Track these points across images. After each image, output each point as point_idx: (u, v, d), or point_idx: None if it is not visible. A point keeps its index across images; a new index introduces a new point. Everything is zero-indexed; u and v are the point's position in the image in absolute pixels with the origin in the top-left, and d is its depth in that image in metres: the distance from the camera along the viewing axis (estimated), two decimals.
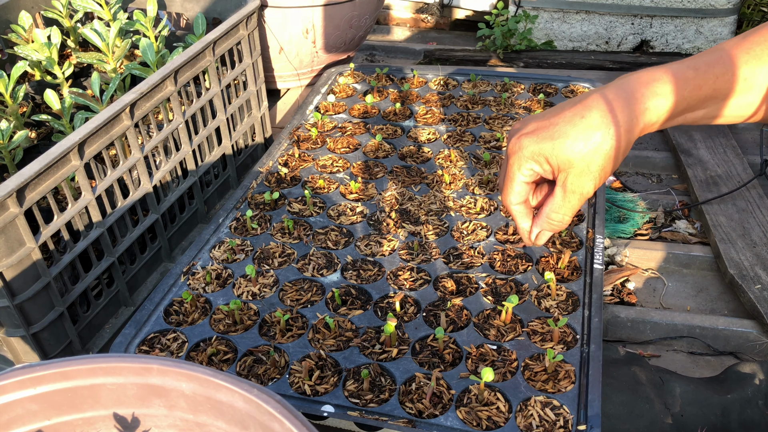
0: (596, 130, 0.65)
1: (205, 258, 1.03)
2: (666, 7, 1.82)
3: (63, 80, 1.23)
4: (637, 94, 0.66)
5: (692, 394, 0.89)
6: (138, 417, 0.56)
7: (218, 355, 0.87)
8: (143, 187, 1.05)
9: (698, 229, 1.22)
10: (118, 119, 0.97)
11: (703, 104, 0.68)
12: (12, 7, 1.34)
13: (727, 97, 0.67)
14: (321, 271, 1.00)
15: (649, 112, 0.66)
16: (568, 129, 0.66)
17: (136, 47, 1.40)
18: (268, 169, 1.23)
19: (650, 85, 0.66)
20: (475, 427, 0.76)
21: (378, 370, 0.83)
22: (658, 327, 1.02)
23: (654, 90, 0.65)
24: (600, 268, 0.96)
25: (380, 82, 1.51)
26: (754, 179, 1.26)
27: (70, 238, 0.93)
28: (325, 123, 1.35)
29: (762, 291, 1.03)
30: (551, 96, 1.42)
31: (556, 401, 0.78)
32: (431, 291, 0.95)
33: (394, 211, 1.10)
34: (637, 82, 0.66)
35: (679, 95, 0.65)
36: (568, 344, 0.86)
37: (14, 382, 0.52)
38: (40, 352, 0.91)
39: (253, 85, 1.33)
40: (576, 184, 0.68)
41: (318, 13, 1.53)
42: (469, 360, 0.84)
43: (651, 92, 0.65)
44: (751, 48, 0.66)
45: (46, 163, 0.84)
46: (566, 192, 0.69)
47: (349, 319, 0.91)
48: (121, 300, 1.05)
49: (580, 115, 0.66)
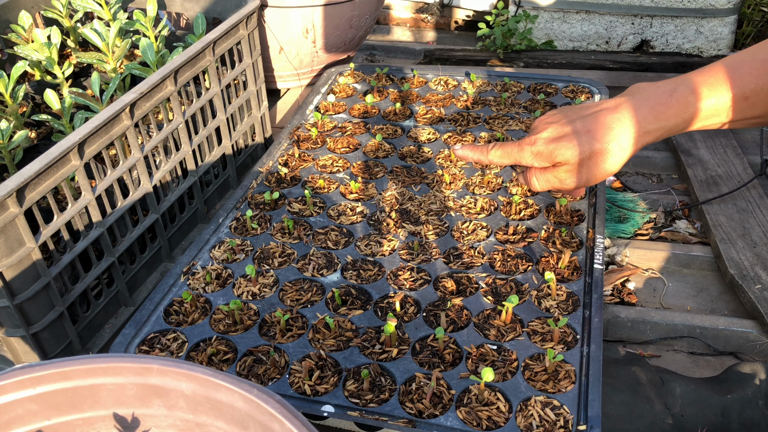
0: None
1: (205, 258, 1.03)
2: (666, 7, 1.82)
3: (63, 80, 1.23)
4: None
5: (692, 394, 0.89)
6: (138, 417, 0.56)
7: (218, 355, 0.87)
8: (143, 187, 1.05)
9: (698, 229, 1.22)
10: (118, 119, 0.97)
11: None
12: (12, 7, 1.34)
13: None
14: (321, 271, 1.00)
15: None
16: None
17: (136, 47, 1.40)
18: (268, 169, 1.23)
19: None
20: (475, 427, 0.76)
21: (378, 370, 0.83)
22: (658, 327, 1.02)
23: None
24: (600, 268, 0.96)
25: (380, 82, 1.51)
26: (755, 179, 1.26)
27: (70, 238, 0.93)
28: (325, 123, 1.35)
29: (762, 291, 1.03)
30: (551, 96, 1.42)
31: (557, 401, 0.78)
32: (431, 291, 0.95)
33: (394, 211, 1.10)
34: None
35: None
36: (569, 344, 0.86)
37: (14, 382, 0.52)
38: (40, 352, 0.91)
39: (253, 85, 1.33)
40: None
41: (318, 13, 1.53)
42: (469, 360, 0.84)
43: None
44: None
45: (46, 163, 0.84)
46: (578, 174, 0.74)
47: (349, 319, 0.91)
48: (121, 300, 1.05)
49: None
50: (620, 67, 1.80)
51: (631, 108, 0.71)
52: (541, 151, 0.76)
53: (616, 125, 0.71)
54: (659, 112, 0.69)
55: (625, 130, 0.70)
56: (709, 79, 0.68)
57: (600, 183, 1.13)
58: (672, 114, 0.69)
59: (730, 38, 1.85)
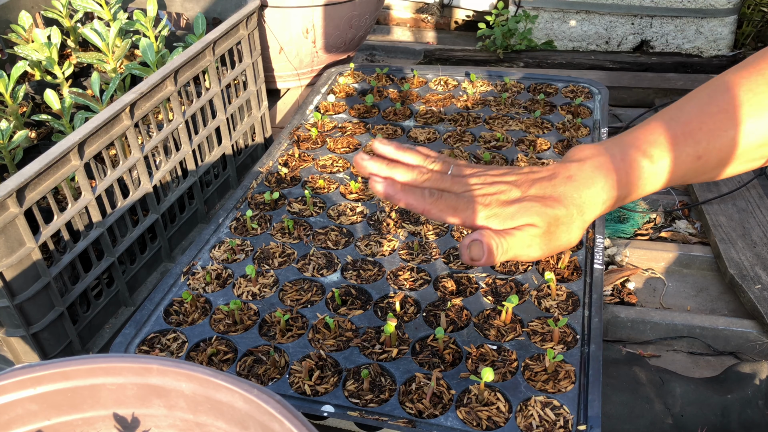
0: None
1: (205, 258, 1.03)
2: (666, 7, 1.82)
3: (63, 80, 1.23)
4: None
5: (692, 394, 0.89)
6: (138, 417, 0.56)
7: (218, 355, 0.87)
8: (143, 187, 1.05)
9: (698, 229, 1.22)
10: (118, 119, 0.97)
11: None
12: (12, 7, 1.34)
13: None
14: (321, 271, 1.00)
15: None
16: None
17: (136, 47, 1.40)
18: (268, 169, 1.23)
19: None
20: (475, 427, 0.76)
21: (378, 370, 0.83)
22: (658, 327, 1.02)
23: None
24: (600, 268, 0.96)
25: (380, 82, 1.51)
26: (754, 179, 1.26)
27: (70, 238, 0.93)
28: (325, 123, 1.35)
29: (762, 291, 1.03)
30: (551, 96, 1.42)
31: (557, 401, 0.78)
32: (431, 291, 0.95)
33: (394, 211, 1.10)
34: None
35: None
36: (568, 344, 0.86)
37: (14, 382, 0.52)
38: (40, 352, 0.91)
39: (253, 85, 1.33)
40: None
41: (318, 13, 1.53)
42: (469, 360, 0.84)
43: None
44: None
45: (46, 163, 0.84)
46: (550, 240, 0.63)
47: (349, 319, 0.91)
48: (121, 300, 1.05)
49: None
50: (620, 67, 1.80)
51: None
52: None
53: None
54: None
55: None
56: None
57: None
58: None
59: (729, 38, 1.85)
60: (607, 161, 0.62)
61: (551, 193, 0.62)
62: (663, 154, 0.61)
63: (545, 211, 0.61)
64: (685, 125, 0.61)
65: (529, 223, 0.61)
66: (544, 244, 0.62)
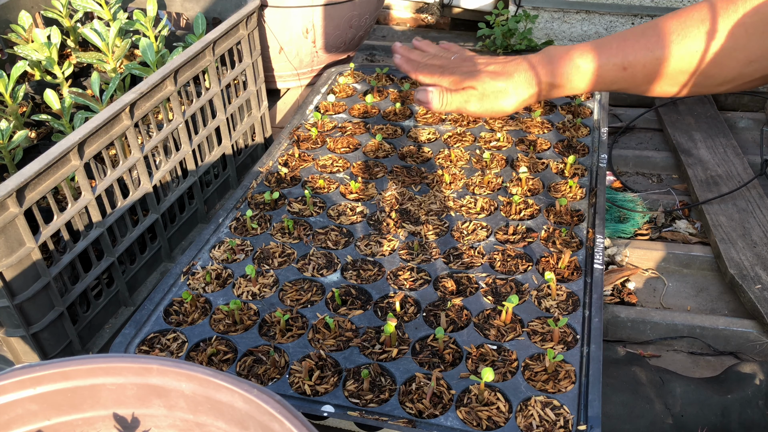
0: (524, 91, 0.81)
1: (205, 258, 1.03)
2: (666, 7, 1.82)
3: (63, 80, 1.23)
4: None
5: (692, 394, 0.89)
6: (138, 417, 0.56)
7: (218, 355, 0.87)
8: (143, 187, 1.05)
9: (698, 229, 1.22)
10: (117, 119, 0.97)
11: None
12: (12, 7, 1.34)
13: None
14: (321, 271, 1.00)
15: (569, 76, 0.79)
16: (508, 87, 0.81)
17: (136, 47, 1.40)
18: (268, 169, 1.23)
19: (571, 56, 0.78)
20: (475, 427, 0.76)
21: (378, 370, 0.83)
22: (658, 327, 1.02)
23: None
24: (600, 268, 0.96)
25: (380, 81, 1.51)
26: (755, 179, 1.26)
27: (70, 238, 0.93)
28: (325, 123, 1.35)
29: (762, 291, 1.03)
30: None
31: (557, 401, 0.78)
32: (431, 291, 0.95)
33: (394, 211, 1.10)
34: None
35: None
36: (569, 344, 0.86)
37: (14, 382, 0.52)
38: (40, 352, 0.91)
39: (253, 85, 1.33)
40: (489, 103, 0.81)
41: (318, 12, 1.53)
42: (469, 360, 0.84)
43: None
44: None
45: (46, 163, 0.84)
46: (482, 99, 0.81)
47: (349, 319, 0.91)
48: (121, 300, 1.05)
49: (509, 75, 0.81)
50: None
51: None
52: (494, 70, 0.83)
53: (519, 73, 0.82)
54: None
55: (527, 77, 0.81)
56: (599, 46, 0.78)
57: (600, 184, 1.13)
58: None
59: None
60: (543, 58, 0.81)
61: (501, 70, 0.81)
62: (590, 58, 0.76)
63: (487, 80, 0.80)
64: (619, 43, 0.75)
65: (471, 86, 0.81)
66: (479, 102, 0.81)
